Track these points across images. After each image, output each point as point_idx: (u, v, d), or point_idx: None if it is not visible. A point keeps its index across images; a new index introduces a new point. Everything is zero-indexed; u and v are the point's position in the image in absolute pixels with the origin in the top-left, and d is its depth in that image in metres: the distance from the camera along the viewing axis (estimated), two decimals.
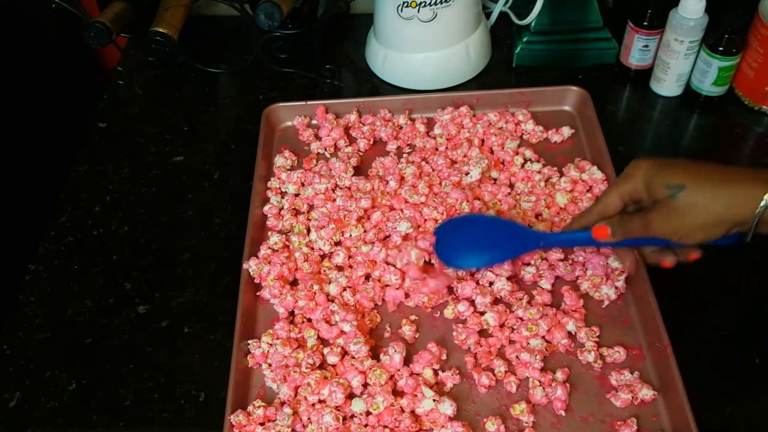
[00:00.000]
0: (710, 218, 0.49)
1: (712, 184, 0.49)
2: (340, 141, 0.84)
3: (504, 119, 0.84)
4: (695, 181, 0.49)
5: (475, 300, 0.66)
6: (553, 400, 0.61)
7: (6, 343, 0.69)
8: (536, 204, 0.75)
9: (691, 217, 0.50)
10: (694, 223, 0.50)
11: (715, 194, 0.49)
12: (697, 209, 0.49)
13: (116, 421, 0.63)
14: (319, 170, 0.79)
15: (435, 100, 0.86)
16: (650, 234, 0.53)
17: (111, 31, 0.88)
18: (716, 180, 0.49)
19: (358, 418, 0.60)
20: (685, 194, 0.49)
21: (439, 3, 0.84)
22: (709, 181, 0.49)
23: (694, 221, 0.50)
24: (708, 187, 0.49)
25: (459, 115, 0.83)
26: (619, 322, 0.67)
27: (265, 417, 0.60)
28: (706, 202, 0.49)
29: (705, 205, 0.49)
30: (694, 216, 0.50)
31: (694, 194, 0.49)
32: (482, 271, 0.67)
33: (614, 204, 0.56)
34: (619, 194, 0.55)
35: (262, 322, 0.68)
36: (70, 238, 0.78)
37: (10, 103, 1.00)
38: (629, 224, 0.55)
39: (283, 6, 0.88)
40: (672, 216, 0.51)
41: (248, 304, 0.68)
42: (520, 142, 0.82)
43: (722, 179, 0.49)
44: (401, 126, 0.85)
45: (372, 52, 0.94)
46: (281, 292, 0.68)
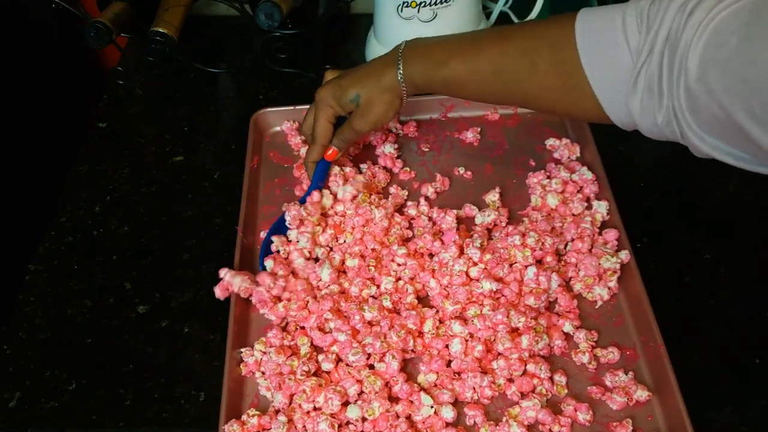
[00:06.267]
0: (384, 104, 0.69)
1: (372, 83, 0.68)
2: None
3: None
4: (362, 87, 0.69)
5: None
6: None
7: (6, 343, 0.69)
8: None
9: (374, 108, 0.69)
10: (378, 110, 0.69)
11: (376, 86, 0.68)
12: (374, 104, 0.69)
13: (116, 421, 0.63)
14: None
15: (425, 103, 0.86)
16: (358, 132, 0.72)
17: (111, 31, 0.88)
18: (373, 78, 0.68)
19: (353, 424, 0.60)
20: (363, 100, 0.69)
21: (439, 3, 0.84)
22: (369, 80, 0.68)
23: (378, 109, 0.69)
24: (371, 87, 0.68)
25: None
26: (612, 322, 0.67)
27: (260, 426, 0.60)
28: (376, 96, 0.69)
29: (377, 98, 0.69)
30: (376, 107, 0.69)
31: (368, 95, 0.69)
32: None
33: (327, 130, 0.73)
34: (326, 121, 0.72)
35: (254, 329, 0.68)
36: (70, 238, 0.78)
37: (10, 103, 1.01)
38: (342, 134, 0.73)
39: (283, 6, 0.88)
40: (365, 114, 0.70)
41: (240, 311, 0.68)
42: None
43: (375, 74, 0.68)
44: (390, 129, 0.85)
45: (372, 52, 0.95)
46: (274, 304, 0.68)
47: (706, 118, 0.49)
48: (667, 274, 0.71)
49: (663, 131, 0.54)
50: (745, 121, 0.45)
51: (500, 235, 0.71)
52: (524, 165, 0.81)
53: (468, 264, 0.68)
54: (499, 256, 0.68)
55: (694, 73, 0.47)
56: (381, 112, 0.69)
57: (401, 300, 0.67)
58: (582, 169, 0.77)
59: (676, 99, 0.50)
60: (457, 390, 0.62)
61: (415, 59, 0.66)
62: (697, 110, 0.49)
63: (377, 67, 0.69)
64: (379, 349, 0.63)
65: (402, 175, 0.81)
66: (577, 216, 0.74)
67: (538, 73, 0.59)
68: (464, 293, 0.66)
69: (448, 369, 0.63)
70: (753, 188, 0.79)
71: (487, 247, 0.70)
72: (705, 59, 0.47)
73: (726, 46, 0.45)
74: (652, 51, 0.51)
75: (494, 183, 0.79)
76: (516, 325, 0.64)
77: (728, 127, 0.47)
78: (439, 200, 0.78)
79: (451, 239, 0.70)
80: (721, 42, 0.46)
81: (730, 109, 0.45)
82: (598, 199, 0.75)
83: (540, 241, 0.69)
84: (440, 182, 0.79)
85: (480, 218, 0.74)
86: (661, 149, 0.84)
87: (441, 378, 0.63)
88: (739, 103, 0.45)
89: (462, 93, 0.67)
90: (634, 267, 0.68)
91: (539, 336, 0.63)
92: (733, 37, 0.45)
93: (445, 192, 0.80)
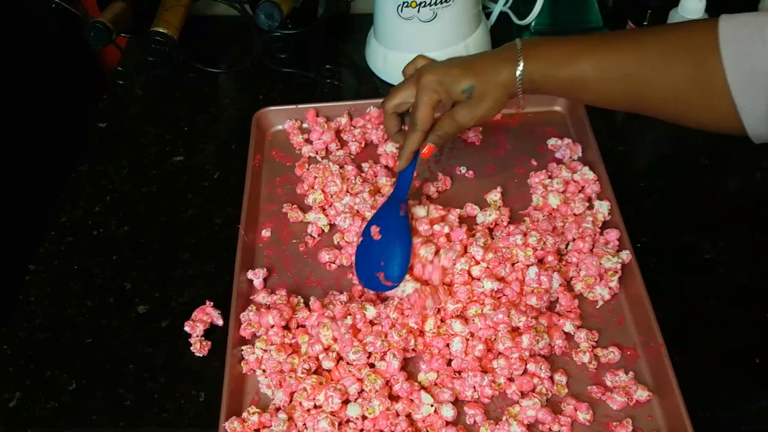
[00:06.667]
0: (494, 100, 0.66)
1: (489, 75, 0.65)
2: (331, 144, 0.84)
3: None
4: (477, 80, 0.65)
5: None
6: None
7: (6, 343, 0.69)
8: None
9: (485, 103, 0.66)
10: (488, 105, 0.66)
11: (492, 80, 0.65)
12: (486, 98, 0.66)
13: (116, 421, 0.63)
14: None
15: None
16: (459, 127, 0.68)
17: (111, 31, 0.88)
18: (490, 70, 0.65)
19: (353, 422, 0.60)
20: (476, 92, 0.65)
21: (439, 3, 0.84)
22: (487, 73, 0.65)
23: (488, 104, 0.66)
24: (486, 80, 0.65)
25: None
26: (613, 322, 0.67)
27: (260, 423, 0.60)
28: (490, 91, 0.65)
29: (490, 93, 0.65)
30: (487, 101, 0.66)
31: (483, 88, 0.65)
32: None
33: (430, 116, 0.68)
34: (430, 106, 0.67)
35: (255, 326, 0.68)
36: (70, 238, 0.78)
37: (10, 103, 1.01)
38: (442, 128, 0.68)
39: (283, 6, 0.88)
40: (474, 108, 0.66)
41: (242, 308, 0.68)
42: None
43: (493, 68, 0.65)
44: None
45: (372, 52, 0.95)
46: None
47: None
48: (667, 274, 0.71)
49: None
50: None
51: (502, 234, 0.71)
52: (526, 165, 0.81)
53: (470, 263, 0.68)
54: (500, 255, 0.68)
55: None
56: (490, 107, 0.66)
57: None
58: (583, 169, 0.77)
59: None
60: (457, 389, 0.62)
61: (538, 57, 0.63)
62: None
63: (493, 61, 0.65)
64: (380, 348, 0.63)
65: None
66: (579, 216, 0.74)
67: (674, 77, 0.57)
68: (465, 292, 0.66)
69: (448, 368, 0.63)
70: (753, 188, 0.79)
71: (488, 246, 0.70)
72: None
73: None
74: None
75: (496, 182, 0.79)
76: (516, 325, 0.64)
77: None
78: (440, 199, 0.78)
79: (458, 238, 0.70)
80: None
81: None
82: (599, 199, 0.75)
83: (541, 241, 0.69)
84: (442, 181, 0.79)
85: (481, 217, 0.74)
86: (662, 149, 0.85)
87: (441, 377, 0.63)
88: None
89: (583, 95, 0.65)
90: (635, 267, 0.68)
91: (540, 335, 0.63)
92: None
93: (446, 191, 0.79)
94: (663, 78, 0.58)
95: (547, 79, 0.63)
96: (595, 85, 0.62)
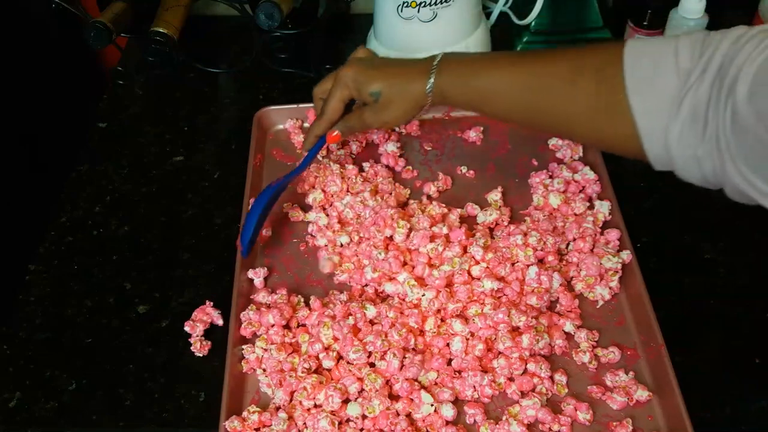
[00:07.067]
0: (402, 109, 0.68)
1: (399, 84, 0.66)
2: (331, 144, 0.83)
3: None
4: (388, 85, 0.67)
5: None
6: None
7: (6, 343, 0.69)
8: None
9: (391, 110, 0.68)
10: (394, 113, 0.68)
11: (401, 90, 0.67)
12: (392, 105, 0.67)
13: (116, 421, 0.63)
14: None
15: None
16: (365, 126, 0.71)
17: (111, 31, 0.88)
18: (401, 79, 0.67)
19: (353, 422, 0.60)
20: (383, 98, 0.67)
21: (439, 3, 0.84)
22: (397, 81, 0.67)
23: (394, 113, 0.68)
24: (396, 87, 0.67)
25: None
26: (613, 322, 0.67)
27: (260, 422, 0.60)
28: (397, 99, 0.67)
29: (397, 101, 0.67)
30: (393, 109, 0.68)
31: (390, 95, 0.67)
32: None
33: (338, 109, 0.71)
34: (340, 100, 0.70)
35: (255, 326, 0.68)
36: (70, 238, 0.78)
37: (10, 103, 1.01)
38: (349, 122, 0.71)
39: (283, 6, 0.88)
40: (379, 112, 0.68)
41: (242, 307, 0.68)
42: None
43: (405, 77, 0.66)
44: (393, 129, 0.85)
45: None
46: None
47: (750, 144, 0.47)
48: (667, 274, 0.71)
49: (701, 164, 0.52)
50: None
51: (502, 234, 0.71)
52: (527, 164, 0.81)
53: (470, 262, 0.68)
54: (500, 255, 0.68)
55: (744, 95, 0.46)
56: (396, 116, 0.68)
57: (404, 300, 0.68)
58: (584, 169, 0.77)
59: (721, 126, 0.49)
60: (457, 388, 0.62)
61: (449, 69, 0.64)
62: (743, 135, 0.47)
63: (409, 70, 0.67)
64: (380, 348, 0.63)
65: (404, 173, 0.81)
66: (579, 216, 0.74)
67: (578, 94, 0.57)
68: (465, 292, 0.66)
69: (448, 367, 0.63)
70: None
71: (489, 246, 0.70)
72: (757, 81, 0.46)
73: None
74: (703, 74, 0.50)
75: (496, 182, 0.79)
76: (517, 324, 0.64)
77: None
78: (441, 199, 0.78)
79: (457, 238, 0.70)
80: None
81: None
82: (600, 199, 0.75)
83: (542, 241, 0.69)
84: (443, 181, 0.79)
85: (482, 217, 0.74)
86: None
87: (441, 376, 0.63)
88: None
89: (492, 108, 0.65)
90: (635, 267, 0.68)
91: (540, 335, 0.63)
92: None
93: (447, 191, 0.79)
94: (566, 92, 0.58)
95: (458, 90, 0.65)
96: (504, 97, 0.62)
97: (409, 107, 0.67)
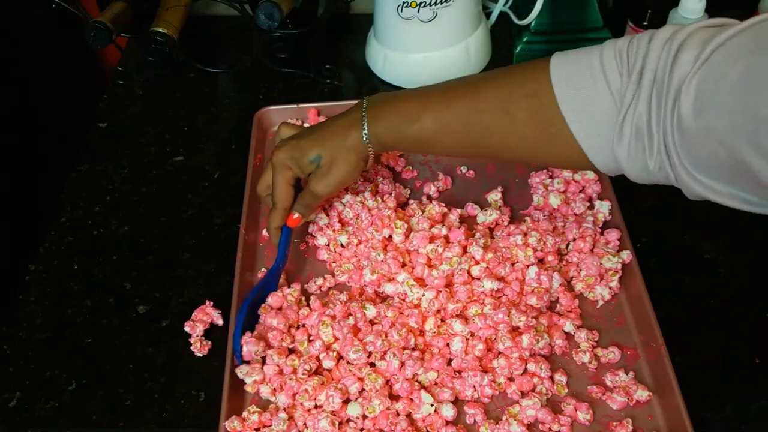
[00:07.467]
0: (348, 165, 0.64)
1: (335, 142, 0.64)
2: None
3: None
4: (324, 148, 0.64)
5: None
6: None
7: (6, 343, 0.69)
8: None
9: (337, 169, 0.65)
10: (341, 171, 0.65)
11: (338, 146, 0.64)
12: (336, 164, 0.64)
13: (116, 421, 0.63)
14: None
15: None
16: (319, 196, 0.67)
17: (111, 31, 0.88)
18: (335, 136, 0.64)
19: (354, 422, 0.60)
20: (324, 161, 0.64)
21: (439, 3, 0.84)
22: (331, 140, 0.64)
23: (341, 170, 0.65)
24: (333, 147, 0.64)
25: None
26: (613, 322, 0.67)
27: (260, 422, 0.60)
28: (340, 156, 0.64)
29: (341, 159, 0.64)
30: (339, 168, 0.64)
31: (330, 156, 0.64)
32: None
33: (288, 192, 0.68)
34: (286, 183, 0.67)
35: None
36: (70, 238, 0.78)
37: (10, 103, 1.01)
38: (304, 199, 0.68)
39: (283, 6, 0.88)
40: (326, 176, 0.65)
41: None
42: None
43: (338, 134, 0.64)
44: None
45: (372, 52, 0.95)
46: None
47: (704, 157, 0.47)
48: (667, 274, 0.71)
49: (655, 176, 0.52)
50: (750, 156, 0.43)
51: (502, 234, 0.71)
52: (527, 164, 0.81)
53: (470, 262, 0.68)
54: (500, 255, 0.68)
55: (690, 112, 0.46)
56: (344, 173, 0.65)
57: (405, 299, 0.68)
58: None
59: (670, 140, 0.48)
60: (457, 388, 0.62)
61: (381, 117, 0.62)
62: (694, 149, 0.47)
63: (340, 126, 0.64)
64: (380, 348, 0.63)
65: (404, 173, 0.81)
66: (579, 216, 0.74)
67: (515, 124, 0.56)
68: (465, 292, 0.66)
69: (448, 367, 0.63)
70: None
71: (489, 246, 0.70)
72: (701, 96, 0.45)
73: (725, 80, 0.43)
74: (637, 93, 0.49)
75: (496, 182, 0.79)
76: (517, 324, 0.64)
77: (729, 165, 0.45)
78: (441, 199, 0.78)
79: (457, 238, 0.70)
80: (719, 77, 0.44)
81: (734, 145, 0.44)
82: (600, 199, 0.75)
83: (542, 241, 0.69)
84: (443, 181, 0.79)
85: (482, 217, 0.74)
86: None
87: (441, 376, 0.63)
88: (745, 137, 0.43)
89: (433, 149, 0.64)
90: (635, 267, 0.68)
91: (540, 335, 0.63)
92: (732, 69, 0.43)
93: (447, 191, 0.79)
94: (504, 126, 0.57)
95: (395, 138, 0.62)
96: (442, 139, 0.61)
97: (354, 160, 0.64)
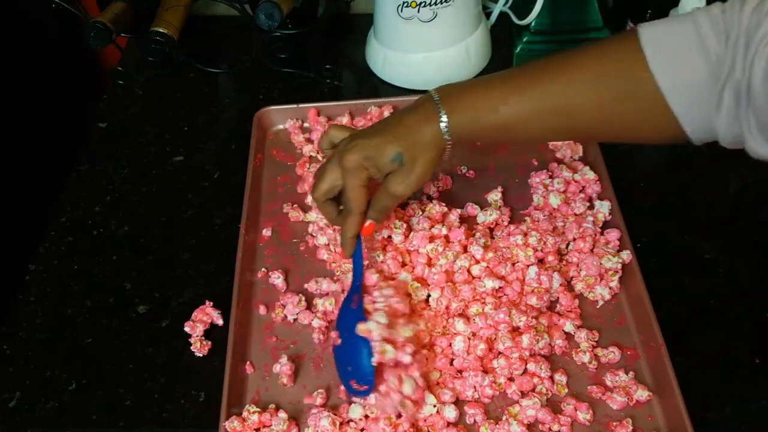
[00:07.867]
0: (428, 162, 0.61)
1: (413, 137, 0.60)
2: None
3: None
4: (403, 144, 0.60)
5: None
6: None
7: (6, 343, 0.69)
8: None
9: (418, 166, 0.61)
10: (423, 168, 0.61)
11: (418, 141, 0.60)
12: (417, 161, 0.61)
13: (116, 421, 0.63)
14: None
15: None
16: (399, 198, 0.63)
17: (111, 31, 0.88)
18: (413, 134, 0.60)
19: (354, 422, 0.60)
20: (406, 158, 0.60)
21: (439, 3, 0.84)
22: (409, 138, 0.60)
23: (423, 167, 0.61)
24: (412, 143, 0.60)
25: None
26: (613, 322, 0.67)
27: (260, 422, 0.60)
28: (420, 152, 0.60)
29: (421, 155, 0.61)
30: (421, 165, 0.61)
31: (412, 152, 0.60)
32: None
33: (363, 196, 0.63)
34: (362, 186, 0.62)
35: (255, 329, 0.68)
36: (70, 238, 0.78)
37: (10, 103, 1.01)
38: (379, 203, 0.64)
39: (283, 6, 0.88)
40: (408, 175, 0.61)
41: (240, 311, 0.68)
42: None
43: (414, 129, 0.60)
44: None
45: (372, 52, 0.95)
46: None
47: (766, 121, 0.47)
48: (667, 274, 0.71)
49: (747, 140, 0.52)
50: None
51: (502, 234, 0.71)
52: (527, 164, 0.81)
53: (470, 261, 0.68)
54: (501, 255, 0.68)
55: (760, 77, 0.46)
56: (424, 171, 0.61)
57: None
58: (584, 169, 0.77)
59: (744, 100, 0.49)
60: (457, 389, 0.62)
61: (459, 109, 0.59)
62: (762, 114, 0.47)
63: (414, 121, 0.61)
64: None
65: None
66: (579, 216, 0.73)
67: (607, 101, 0.55)
68: (469, 291, 0.66)
69: (451, 367, 0.63)
70: (753, 188, 0.79)
71: (489, 246, 0.70)
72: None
73: None
74: (735, 60, 0.49)
75: (496, 182, 0.79)
76: (517, 324, 0.64)
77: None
78: (441, 199, 0.78)
79: (457, 238, 0.70)
80: None
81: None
82: (600, 199, 0.75)
83: (542, 241, 0.69)
84: (443, 181, 0.79)
85: (482, 217, 0.74)
86: (662, 150, 0.85)
87: (444, 376, 0.63)
88: None
89: (517, 136, 0.62)
90: (635, 267, 0.68)
91: (540, 335, 0.63)
92: None
93: (447, 191, 0.79)
94: (595, 104, 0.56)
95: (475, 128, 0.60)
96: (530, 126, 0.59)
97: (433, 156, 0.61)
